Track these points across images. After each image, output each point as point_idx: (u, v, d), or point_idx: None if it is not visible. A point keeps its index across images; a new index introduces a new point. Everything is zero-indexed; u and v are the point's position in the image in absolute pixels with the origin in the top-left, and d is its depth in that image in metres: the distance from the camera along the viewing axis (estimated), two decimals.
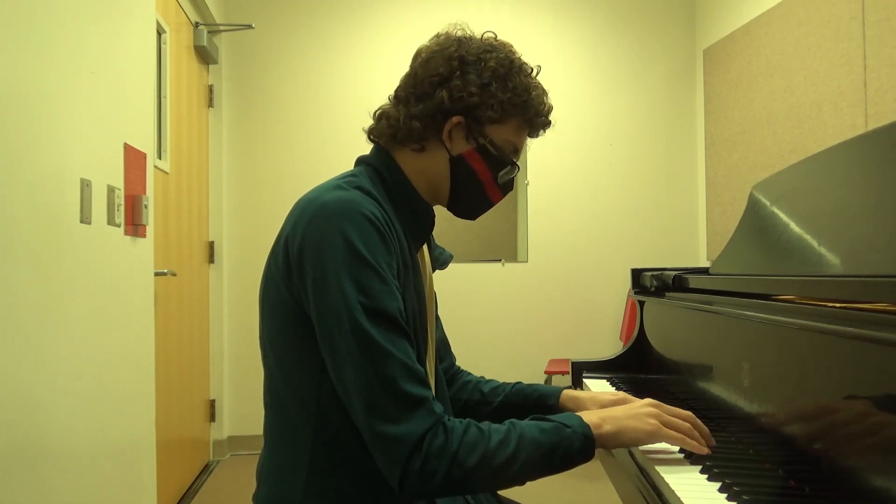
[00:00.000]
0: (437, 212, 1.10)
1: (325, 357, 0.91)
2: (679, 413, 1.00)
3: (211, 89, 3.58)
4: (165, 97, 2.72)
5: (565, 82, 3.87)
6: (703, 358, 1.29)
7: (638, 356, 1.69)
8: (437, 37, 1.08)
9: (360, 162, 1.09)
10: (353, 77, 3.76)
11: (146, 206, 2.11)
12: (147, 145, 2.18)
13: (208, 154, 3.54)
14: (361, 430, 0.88)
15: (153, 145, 2.32)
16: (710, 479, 0.90)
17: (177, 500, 2.86)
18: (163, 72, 2.71)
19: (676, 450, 1.03)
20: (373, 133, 1.10)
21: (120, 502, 1.91)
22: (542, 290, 3.89)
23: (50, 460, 1.50)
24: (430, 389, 0.91)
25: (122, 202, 1.93)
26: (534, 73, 1.08)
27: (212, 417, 3.56)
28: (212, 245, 3.58)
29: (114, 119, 1.91)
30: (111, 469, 1.84)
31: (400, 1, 3.83)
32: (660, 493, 0.88)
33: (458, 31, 1.07)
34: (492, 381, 1.28)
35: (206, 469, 3.40)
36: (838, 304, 0.89)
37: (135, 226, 2.04)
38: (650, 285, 1.67)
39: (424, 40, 1.09)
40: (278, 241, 0.98)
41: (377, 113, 1.09)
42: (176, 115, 2.87)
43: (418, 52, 1.08)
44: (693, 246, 3.99)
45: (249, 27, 3.56)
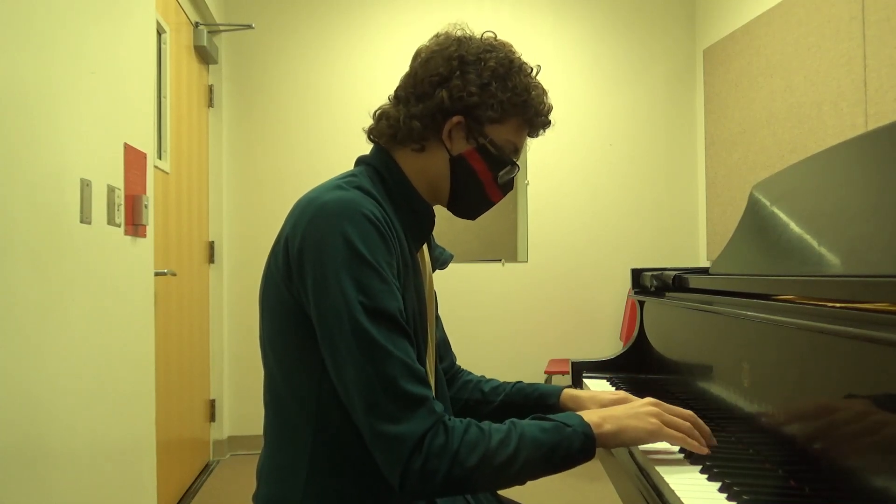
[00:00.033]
0: (437, 212, 1.10)
1: (325, 357, 0.91)
2: (680, 412, 1.00)
3: (211, 89, 3.58)
4: (165, 97, 2.72)
5: (565, 82, 3.87)
6: (703, 358, 1.29)
7: (638, 356, 1.69)
8: (436, 37, 1.08)
9: (360, 162, 1.09)
10: (353, 77, 3.76)
11: (146, 206, 2.11)
12: (147, 145, 2.18)
13: (208, 154, 3.54)
14: (362, 429, 0.88)
15: (153, 145, 2.32)
16: (710, 479, 0.90)
17: (177, 500, 2.86)
18: (163, 72, 2.71)
19: (676, 449, 1.03)
20: (373, 133, 1.10)
21: (120, 502, 1.91)
22: (542, 290, 3.89)
23: (50, 460, 1.50)
24: (431, 389, 0.91)
25: (122, 202, 1.93)
26: (534, 73, 1.08)
27: (212, 417, 3.56)
28: (212, 245, 3.58)
29: (114, 119, 1.91)
30: (111, 469, 1.84)
31: (400, 1, 3.83)
32: (660, 493, 0.88)
33: (457, 30, 1.07)
34: (492, 381, 1.28)
35: (206, 469, 3.40)
36: (838, 304, 0.89)
37: (135, 226, 2.04)
38: (650, 285, 1.67)
39: (424, 40, 1.09)
40: (278, 241, 0.98)
41: (377, 113, 1.09)
42: (176, 115, 2.87)
43: (418, 52, 1.08)
44: (693, 246, 3.99)
45: (249, 27, 3.56)
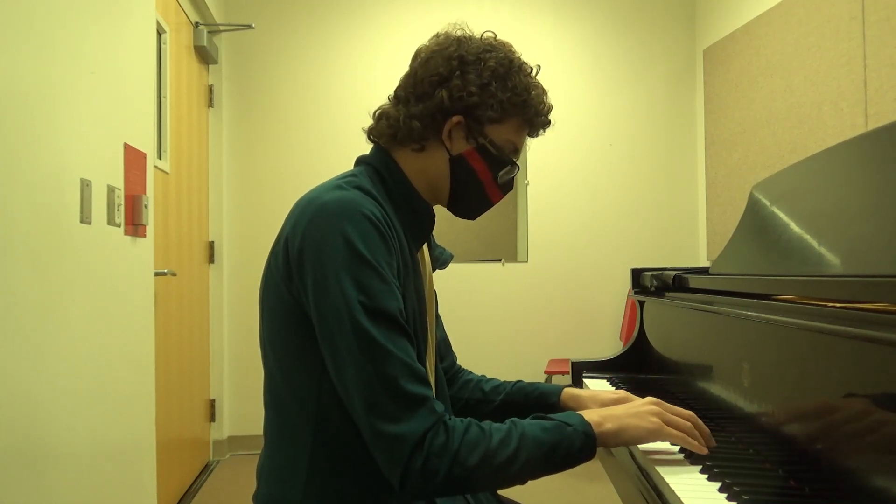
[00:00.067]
0: (437, 212, 1.10)
1: (325, 357, 0.91)
2: (681, 412, 1.00)
3: (211, 89, 3.58)
4: (165, 97, 2.72)
5: (565, 82, 3.87)
6: (703, 358, 1.29)
7: (638, 356, 1.69)
8: (436, 37, 1.08)
9: (360, 162, 1.09)
10: (353, 77, 3.76)
11: (146, 206, 2.11)
12: (147, 145, 2.18)
13: (208, 154, 3.54)
14: (362, 429, 0.88)
15: (153, 145, 2.32)
16: (710, 479, 0.90)
17: (177, 500, 2.86)
18: (163, 72, 2.71)
19: (676, 450, 1.03)
20: (372, 133, 1.10)
21: (120, 502, 1.91)
22: (542, 290, 3.89)
23: (50, 460, 1.50)
24: (431, 388, 0.91)
25: (122, 202, 1.93)
26: (533, 73, 1.08)
27: (212, 417, 3.56)
28: (212, 245, 3.58)
29: (114, 119, 1.91)
30: (111, 469, 1.84)
31: (400, 1, 3.83)
32: (660, 493, 0.88)
33: (457, 30, 1.07)
34: (493, 380, 1.28)
35: (206, 469, 3.40)
36: (838, 304, 0.89)
37: (135, 226, 2.04)
38: (650, 285, 1.67)
39: (424, 40, 1.09)
40: (278, 241, 0.98)
41: (377, 113, 1.09)
42: (176, 115, 2.87)
43: (418, 52, 1.08)
44: (693, 246, 3.99)
45: (249, 27, 3.56)
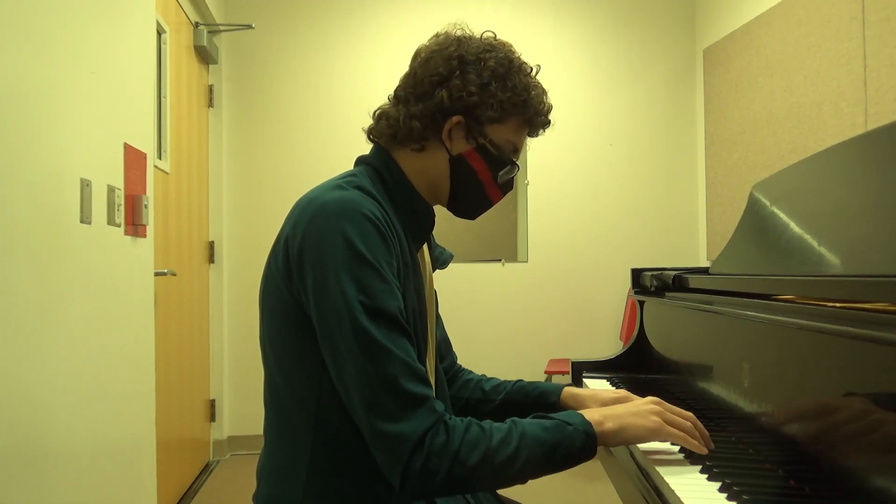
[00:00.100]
0: (437, 212, 1.10)
1: (325, 357, 0.91)
2: (681, 413, 1.00)
3: (211, 89, 3.58)
4: (165, 97, 2.72)
5: (565, 82, 3.87)
6: (703, 358, 1.29)
7: (638, 356, 1.69)
8: (436, 36, 1.08)
9: (360, 162, 1.09)
10: (353, 77, 3.76)
11: (146, 206, 2.11)
12: (147, 145, 2.18)
13: (208, 154, 3.54)
14: (362, 429, 0.88)
15: (153, 145, 2.32)
16: (710, 479, 0.90)
17: (177, 500, 2.86)
18: (163, 72, 2.71)
19: (677, 450, 1.03)
20: (372, 133, 1.10)
21: (120, 502, 1.91)
22: (542, 290, 3.89)
23: (50, 460, 1.50)
24: (432, 388, 0.91)
25: (122, 202, 1.93)
26: (533, 73, 1.08)
27: (212, 417, 3.56)
28: (212, 245, 3.58)
29: (114, 119, 1.91)
30: (111, 469, 1.84)
31: (400, 1, 3.83)
32: (660, 493, 0.88)
33: (457, 30, 1.07)
34: (493, 380, 1.28)
35: (206, 469, 3.40)
36: (838, 304, 0.89)
37: (135, 226, 2.04)
38: (650, 285, 1.67)
39: (424, 40, 1.09)
40: (278, 241, 0.98)
41: (377, 113, 1.09)
42: (176, 115, 2.87)
43: (418, 52, 1.08)
44: (693, 246, 3.99)
45: (249, 27, 3.56)
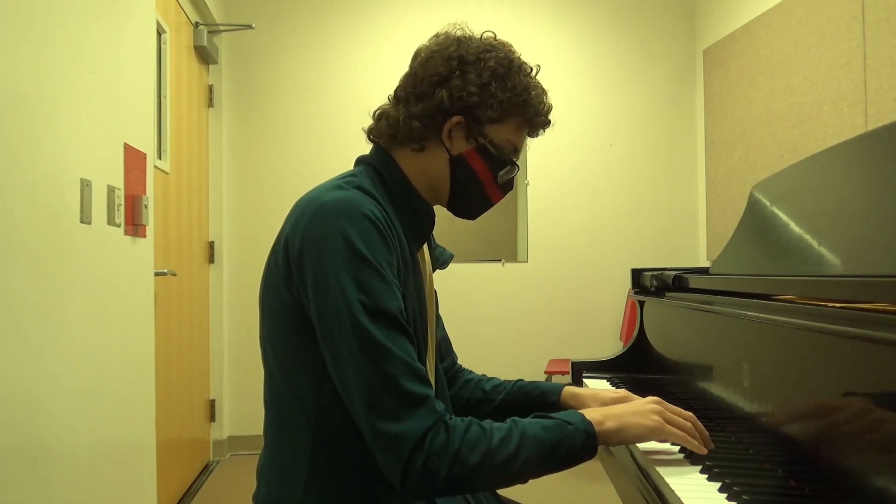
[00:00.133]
0: (437, 212, 1.10)
1: (325, 356, 0.91)
2: (681, 413, 1.00)
3: (211, 89, 3.58)
4: (165, 97, 2.72)
5: (565, 82, 3.87)
6: (703, 358, 1.29)
7: (638, 356, 1.69)
8: (436, 36, 1.08)
9: (360, 162, 1.09)
10: (353, 77, 3.76)
11: (146, 206, 2.11)
12: (147, 145, 2.18)
13: (208, 154, 3.54)
14: (362, 429, 0.88)
15: (153, 145, 2.32)
16: (710, 479, 0.90)
17: (177, 500, 2.86)
18: (163, 72, 2.71)
19: (676, 450, 1.03)
20: (372, 133, 1.10)
21: (120, 502, 1.91)
22: (542, 290, 3.89)
23: (50, 460, 1.50)
24: (432, 388, 0.91)
25: (122, 202, 1.93)
26: (533, 73, 1.08)
27: (212, 417, 3.56)
28: (212, 245, 3.58)
29: (114, 119, 1.91)
30: (111, 469, 1.84)
31: (400, 1, 3.83)
32: (660, 493, 0.88)
33: (457, 30, 1.07)
34: (493, 379, 1.28)
35: (206, 469, 3.40)
36: (838, 304, 0.89)
37: (135, 226, 2.04)
38: (650, 285, 1.67)
39: (424, 40, 1.09)
40: (278, 241, 0.98)
41: (377, 113, 1.09)
42: (176, 115, 2.87)
43: (418, 52, 1.08)
44: (693, 246, 3.99)
45: (249, 27, 3.56)
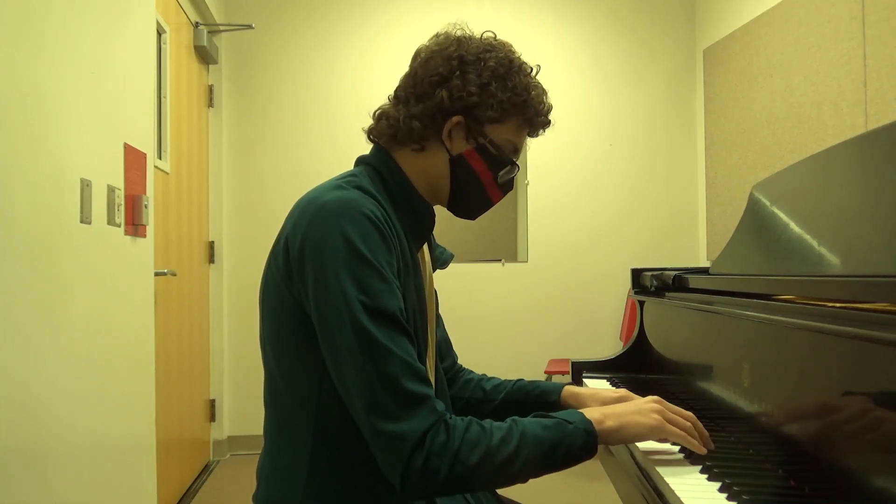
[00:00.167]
0: (437, 212, 1.10)
1: (325, 356, 0.91)
2: (682, 412, 1.00)
3: (211, 89, 3.58)
4: (165, 97, 2.72)
5: (565, 82, 3.87)
6: (703, 358, 1.29)
7: (638, 356, 1.69)
8: (436, 36, 1.08)
9: (360, 162, 1.09)
10: (353, 77, 3.76)
11: (146, 206, 2.11)
12: (147, 145, 2.18)
13: (208, 154, 3.54)
14: (362, 428, 0.88)
15: (153, 145, 2.32)
16: (710, 479, 0.90)
17: (177, 500, 2.86)
18: (163, 72, 2.71)
19: (676, 450, 1.03)
20: (372, 133, 1.10)
21: (120, 502, 1.91)
22: (542, 290, 3.89)
23: (50, 460, 1.50)
24: (432, 387, 0.91)
25: (122, 202, 1.93)
26: (533, 73, 1.08)
27: (212, 417, 3.56)
28: (212, 245, 3.58)
29: (114, 119, 1.91)
30: (111, 469, 1.84)
31: (400, 1, 3.83)
32: (660, 493, 0.88)
33: (457, 30, 1.07)
34: (493, 379, 1.28)
35: (206, 469, 3.40)
36: (838, 304, 0.89)
37: (135, 226, 2.04)
38: (650, 285, 1.67)
39: (424, 40, 1.09)
40: (278, 241, 0.98)
41: (377, 113, 1.09)
42: (176, 115, 2.87)
43: (418, 52, 1.08)
44: (693, 246, 3.99)
45: (249, 27, 3.56)
